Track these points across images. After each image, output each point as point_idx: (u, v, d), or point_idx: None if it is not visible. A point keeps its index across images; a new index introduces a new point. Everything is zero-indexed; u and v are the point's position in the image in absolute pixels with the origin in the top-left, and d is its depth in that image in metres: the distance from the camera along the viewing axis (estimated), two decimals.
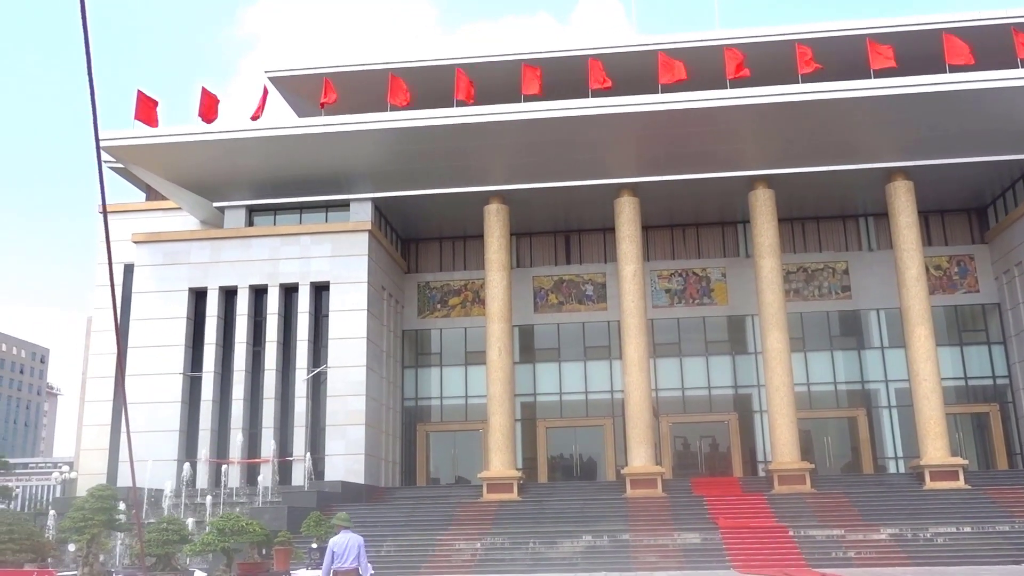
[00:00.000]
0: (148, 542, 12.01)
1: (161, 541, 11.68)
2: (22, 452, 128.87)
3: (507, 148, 38.86)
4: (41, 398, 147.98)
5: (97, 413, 42.27)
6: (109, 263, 5.81)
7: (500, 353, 40.03)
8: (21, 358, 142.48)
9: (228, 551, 13.02)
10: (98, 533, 9.96)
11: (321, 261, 40.21)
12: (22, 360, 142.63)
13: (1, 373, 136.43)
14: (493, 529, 32.39)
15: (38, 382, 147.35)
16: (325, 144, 38.51)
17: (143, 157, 39.64)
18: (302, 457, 37.65)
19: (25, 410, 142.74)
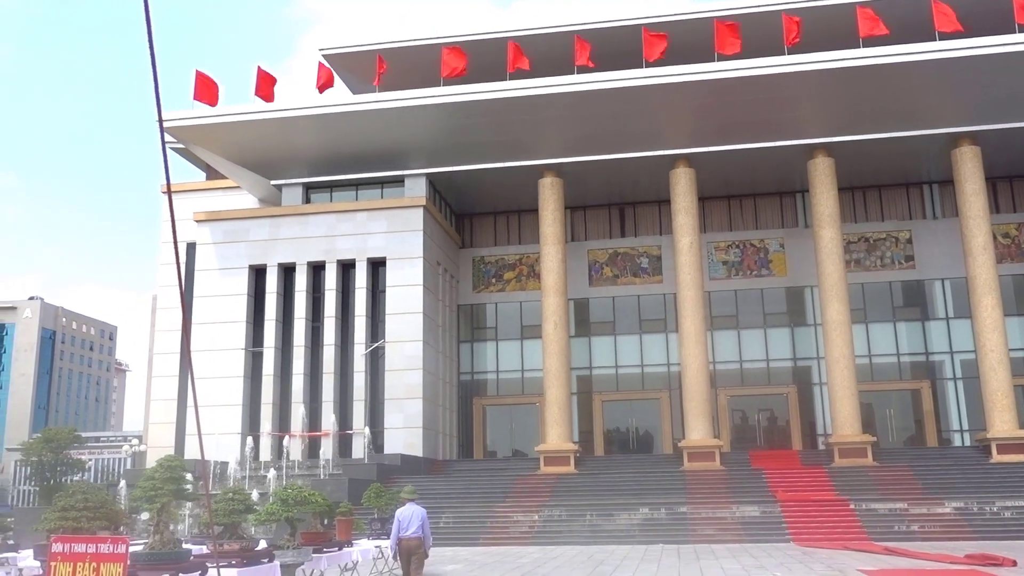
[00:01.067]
0: (215, 511, 12.34)
1: (227, 511, 11.98)
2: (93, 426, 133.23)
3: (561, 121, 38.65)
4: (110, 374, 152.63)
5: (164, 388, 43.47)
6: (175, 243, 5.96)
7: (556, 327, 40.07)
8: (91, 335, 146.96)
9: (292, 521, 13.32)
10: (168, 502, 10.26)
11: (377, 237, 40.61)
12: (91, 337, 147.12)
13: (72, 350, 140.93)
14: (550, 501, 32.63)
15: (107, 358, 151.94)
16: (379, 120, 38.75)
17: (203, 137, 40.36)
18: (362, 430, 38.29)
19: (96, 386, 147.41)
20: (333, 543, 15.43)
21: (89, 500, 9.79)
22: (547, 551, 25.84)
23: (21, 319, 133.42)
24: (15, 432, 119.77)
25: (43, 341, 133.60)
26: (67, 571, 8.29)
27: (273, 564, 12.49)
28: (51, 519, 9.89)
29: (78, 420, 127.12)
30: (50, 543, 8.54)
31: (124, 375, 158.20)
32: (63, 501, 9.92)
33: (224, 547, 12.10)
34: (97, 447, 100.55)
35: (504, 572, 19.69)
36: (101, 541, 8.49)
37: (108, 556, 8.33)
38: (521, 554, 24.96)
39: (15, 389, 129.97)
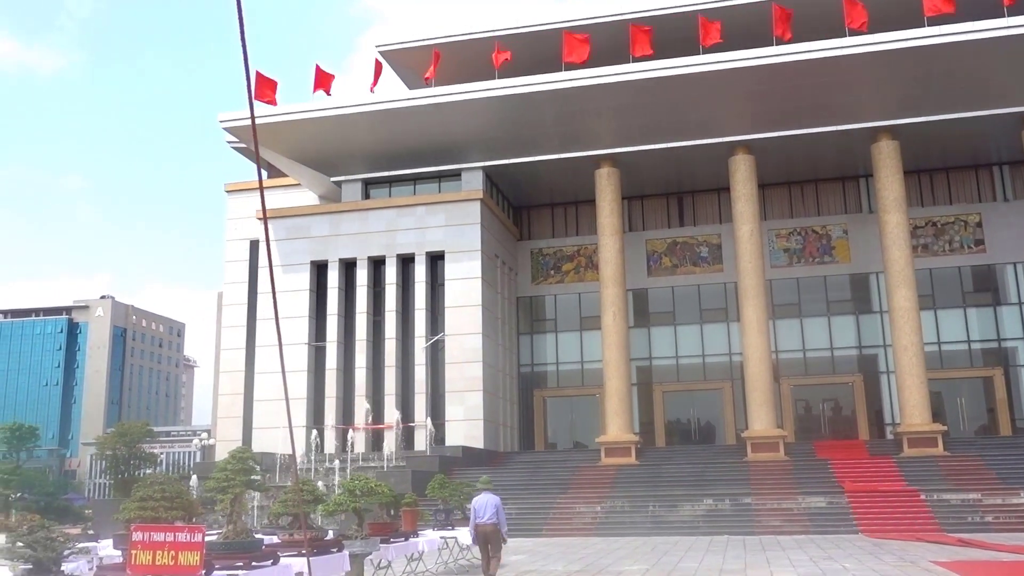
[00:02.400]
0: (284, 502, 12.62)
1: (296, 502, 12.23)
2: (164, 421, 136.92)
3: (617, 111, 38.42)
4: (179, 370, 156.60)
5: (231, 383, 44.47)
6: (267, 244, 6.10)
7: (615, 318, 39.92)
8: (160, 332, 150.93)
9: (359, 511, 13.55)
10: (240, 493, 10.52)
11: (435, 231, 40.90)
12: (161, 334, 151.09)
13: (142, 347, 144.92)
14: (612, 492, 32.56)
15: (176, 355, 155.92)
16: (435, 115, 38.98)
17: (263, 136, 41.02)
18: (423, 423, 38.66)
19: (165, 381, 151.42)
20: (399, 533, 15.65)
21: (166, 491, 10.09)
22: (610, 542, 25.82)
23: (94, 317, 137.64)
24: (90, 427, 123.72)
25: (115, 338, 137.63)
26: (147, 559, 8.57)
27: (342, 554, 12.72)
28: (130, 509, 10.21)
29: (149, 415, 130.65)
30: (130, 532, 8.82)
31: (192, 371, 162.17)
32: (141, 492, 10.25)
33: (295, 537, 12.37)
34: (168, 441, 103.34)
35: (568, 562, 19.74)
36: (179, 530, 8.75)
37: (185, 544, 8.59)
38: (584, 545, 24.99)
39: (89, 385, 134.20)
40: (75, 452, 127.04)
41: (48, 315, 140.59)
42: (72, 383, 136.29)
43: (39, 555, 8.11)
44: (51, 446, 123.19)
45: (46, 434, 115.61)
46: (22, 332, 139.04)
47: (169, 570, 8.53)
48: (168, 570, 8.53)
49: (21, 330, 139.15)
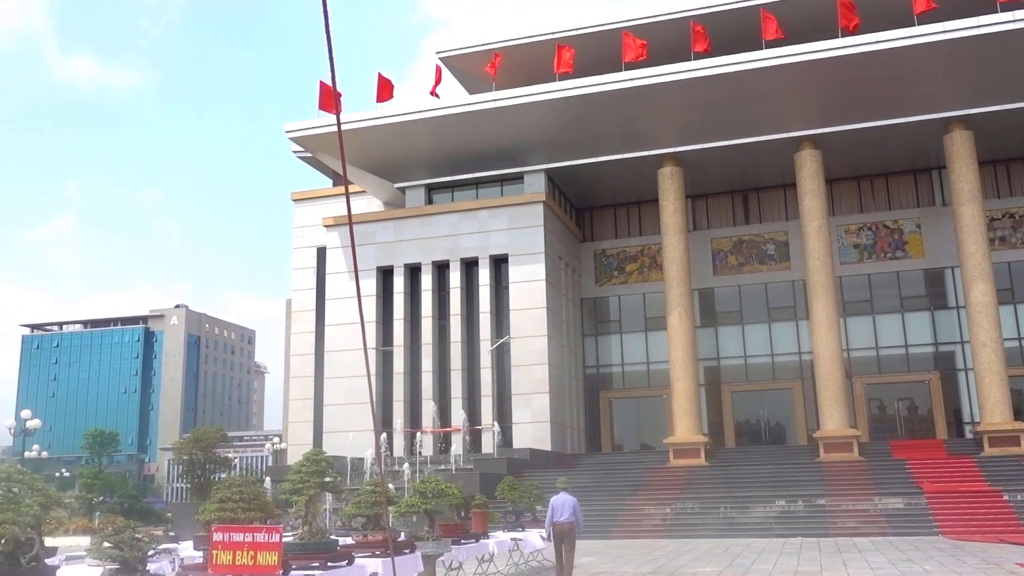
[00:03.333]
0: (358, 503, 12.80)
1: (370, 503, 12.41)
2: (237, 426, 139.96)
3: (679, 109, 38.09)
4: (250, 376, 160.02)
5: (301, 388, 45.26)
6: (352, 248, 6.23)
7: (680, 318, 39.54)
8: (232, 340, 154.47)
9: (430, 513, 13.68)
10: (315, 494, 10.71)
11: (499, 234, 41.06)
12: (232, 342, 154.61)
13: (215, 354, 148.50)
14: (682, 494, 32.26)
15: (247, 361, 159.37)
16: (497, 118, 39.16)
17: (328, 145, 41.76)
18: (490, 425, 38.82)
19: (237, 387, 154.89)
20: (470, 535, 15.73)
21: (244, 493, 10.33)
22: (681, 544, 25.57)
23: (169, 326, 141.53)
24: (167, 432, 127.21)
25: (189, 346, 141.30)
26: (227, 559, 8.79)
27: (415, 555, 12.86)
28: (209, 510, 10.47)
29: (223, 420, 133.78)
30: (211, 532, 9.07)
31: (263, 377, 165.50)
32: (220, 493, 10.50)
33: (369, 538, 12.54)
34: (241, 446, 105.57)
35: (639, 564, 19.61)
36: (257, 531, 8.96)
37: (264, 545, 8.79)
38: (655, 546, 24.79)
39: (166, 392, 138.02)
40: (153, 457, 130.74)
41: (126, 325, 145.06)
42: (149, 390, 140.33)
43: (126, 555, 8.38)
44: (130, 451, 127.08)
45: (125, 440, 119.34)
46: (101, 342, 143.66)
47: (249, 570, 8.73)
48: (248, 570, 8.73)
49: (101, 340, 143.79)
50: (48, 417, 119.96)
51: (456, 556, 14.77)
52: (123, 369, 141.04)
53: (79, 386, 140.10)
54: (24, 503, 7.79)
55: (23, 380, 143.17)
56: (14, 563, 7.23)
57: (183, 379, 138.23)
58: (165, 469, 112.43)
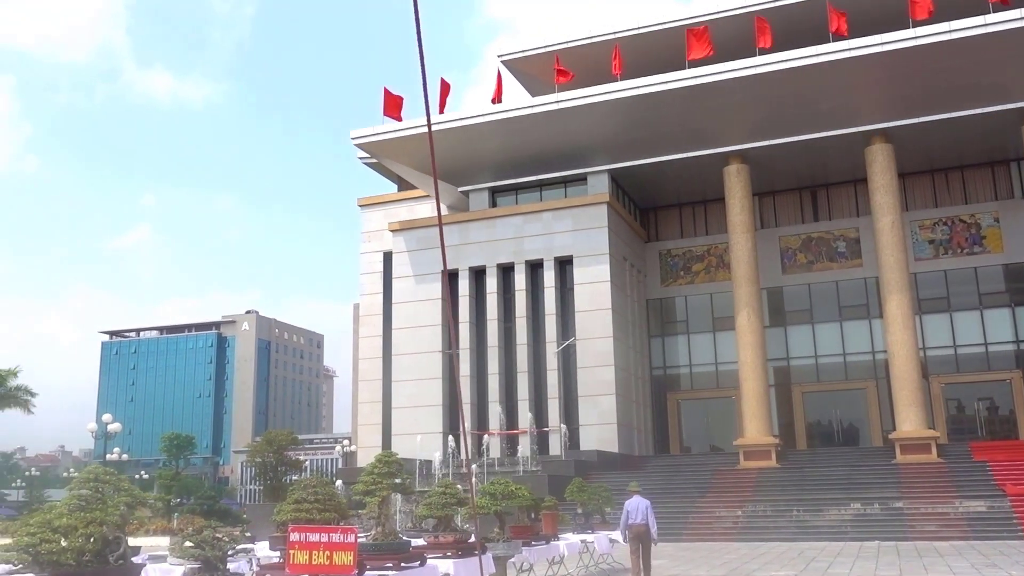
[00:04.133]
0: (429, 505, 12.91)
1: (441, 504, 12.50)
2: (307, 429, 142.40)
3: (744, 105, 37.55)
4: (319, 380, 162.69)
5: (369, 391, 45.86)
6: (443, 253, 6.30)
7: (749, 317, 38.95)
8: (301, 344, 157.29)
9: (500, 514, 13.73)
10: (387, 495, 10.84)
11: (563, 236, 41.00)
12: (302, 346, 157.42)
13: (285, 359, 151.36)
14: (754, 496, 31.77)
15: (316, 365, 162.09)
16: (559, 120, 39.13)
17: (393, 150, 42.24)
18: (557, 427, 38.76)
19: (307, 391, 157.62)
20: (540, 537, 15.74)
21: (319, 494, 10.50)
22: (753, 547, 25.17)
23: (240, 331, 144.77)
24: (240, 435, 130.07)
25: (260, 351, 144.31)
26: (304, 558, 8.94)
27: (486, 556, 12.90)
28: (285, 511, 10.68)
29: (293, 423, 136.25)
30: (288, 533, 9.24)
31: (331, 380, 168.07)
32: (296, 494, 10.70)
33: (439, 539, 12.63)
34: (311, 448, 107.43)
35: (711, 567, 19.37)
36: (332, 531, 9.10)
37: (339, 545, 8.92)
38: (726, 549, 24.45)
39: (238, 396, 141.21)
40: (227, 460, 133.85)
41: (200, 331, 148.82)
42: (223, 394, 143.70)
43: (207, 553, 8.59)
44: (205, 454, 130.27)
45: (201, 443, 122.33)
46: (177, 347, 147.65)
47: (325, 569, 8.88)
48: (324, 569, 8.88)
49: (176, 345, 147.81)
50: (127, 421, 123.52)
51: (527, 558, 14.79)
52: (197, 374, 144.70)
53: (156, 390, 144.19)
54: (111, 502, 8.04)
55: (103, 385, 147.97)
56: (103, 561, 7.47)
57: (254, 383, 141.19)
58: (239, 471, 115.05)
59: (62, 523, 7.42)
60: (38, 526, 7.37)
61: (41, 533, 7.30)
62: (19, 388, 55.30)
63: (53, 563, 7.22)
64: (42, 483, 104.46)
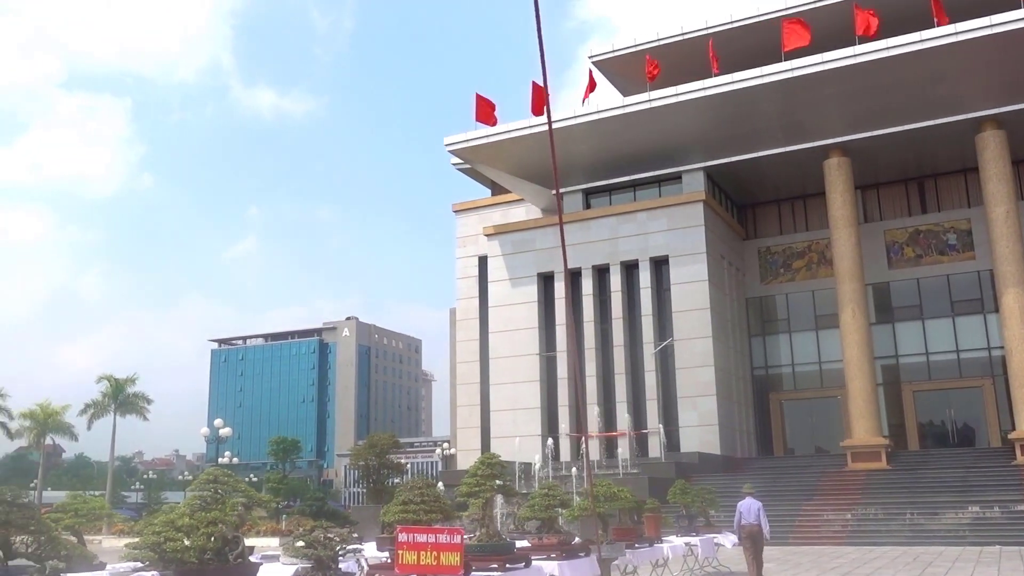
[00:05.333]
0: (532, 506, 12.95)
1: (544, 506, 12.53)
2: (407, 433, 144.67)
3: (844, 96, 36.42)
4: (418, 384, 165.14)
5: (467, 395, 46.31)
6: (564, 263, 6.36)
7: (854, 314, 37.75)
8: (399, 349, 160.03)
9: (603, 517, 13.66)
10: (491, 497, 10.93)
11: (658, 236, 40.58)
12: (400, 351, 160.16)
13: (385, 363, 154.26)
14: (863, 499, 30.76)
15: (415, 369, 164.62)
16: (652, 119, 38.75)
17: (486, 155, 42.59)
18: (656, 429, 38.36)
19: (406, 395, 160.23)
20: (644, 539, 15.60)
21: (425, 495, 10.67)
22: (864, 551, 24.36)
23: (341, 337, 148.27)
24: (343, 439, 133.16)
25: (360, 356, 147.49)
26: (412, 559, 9.10)
27: (591, 558, 12.87)
28: (392, 512, 10.88)
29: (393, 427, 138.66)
30: (396, 533, 9.41)
31: (430, 384, 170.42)
32: (403, 495, 10.89)
33: (543, 540, 12.66)
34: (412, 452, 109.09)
35: (821, 571, 18.85)
36: (439, 532, 9.23)
37: (447, 546, 9.05)
38: (836, 553, 23.75)
39: (340, 401, 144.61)
40: (331, 463, 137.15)
41: (302, 337, 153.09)
42: (325, 399, 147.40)
43: (319, 553, 8.82)
44: (310, 457, 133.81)
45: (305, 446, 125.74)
46: (280, 354, 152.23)
47: (432, 570, 9.01)
48: (431, 570, 9.01)
49: (280, 352, 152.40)
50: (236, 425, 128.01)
51: (631, 560, 14.68)
52: (301, 379, 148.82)
53: (262, 396, 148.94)
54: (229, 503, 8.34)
55: (213, 391, 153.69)
56: (223, 559, 7.75)
57: (355, 388, 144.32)
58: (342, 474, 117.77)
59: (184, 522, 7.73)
60: (162, 525, 7.69)
61: (165, 532, 7.62)
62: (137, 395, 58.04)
63: (177, 560, 7.53)
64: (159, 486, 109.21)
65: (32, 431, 57.46)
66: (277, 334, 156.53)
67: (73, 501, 12.51)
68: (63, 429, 57.66)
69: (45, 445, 61.82)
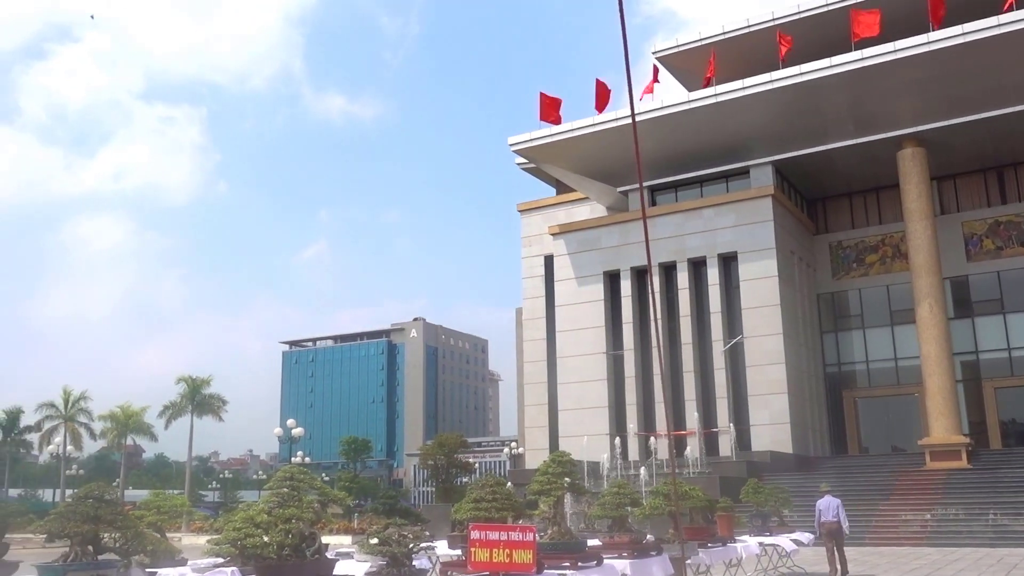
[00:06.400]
0: (602, 505, 12.90)
1: (615, 504, 12.48)
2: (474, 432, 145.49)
3: (918, 85, 35.42)
4: (485, 384, 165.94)
5: (534, 394, 46.33)
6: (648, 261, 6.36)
7: (931, 309, 36.69)
8: (466, 349, 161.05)
9: (674, 515, 13.52)
10: (562, 495, 10.93)
11: (725, 232, 40.05)
12: (467, 351, 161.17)
13: (452, 364, 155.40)
14: (943, 499, 29.86)
15: (482, 369, 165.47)
16: (718, 114, 38.25)
17: (550, 154, 42.57)
18: (726, 428, 37.86)
19: (473, 395, 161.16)
20: (716, 539, 15.41)
21: (496, 493, 10.72)
22: (945, 553, 23.66)
23: (409, 339, 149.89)
24: (412, 439, 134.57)
25: (427, 357, 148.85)
26: (485, 556, 9.15)
27: (663, 556, 12.77)
28: (464, 509, 10.97)
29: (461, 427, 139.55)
30: (469, 531, 9.48)
31: (497, 384, 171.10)
32: (474, 493, 10.97)
33: (615, 539, 12.60)
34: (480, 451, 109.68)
35: (901, 573, 18.37)
36: (511, 529, 9.25)
37: (519, 544, 9.06)
38: (915, 555, 23.11)
39: (408, 401, 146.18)
40: (400, 463, 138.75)
41: (371, 339, 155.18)
42: (394, 399, 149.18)
43: (394, 550, 8.94)
44: (380, 457, 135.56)
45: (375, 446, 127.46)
46: (350, 355, 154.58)
47: (505, 567, 9.04)
48: (504, 567, 9.04)
49: (349, 353, 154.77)
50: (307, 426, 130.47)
51: (703, 559, 14.51)
52: (370, 380, 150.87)
53: (332, 397, 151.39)
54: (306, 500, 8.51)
55: (285, 392, 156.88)
56: (300, 555, 7.91)
57: (423, 388, 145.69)
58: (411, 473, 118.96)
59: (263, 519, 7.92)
60: (242, 522, 7.89)
61: (245, 528, 7.81)
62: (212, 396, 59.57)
63: (256, 556, 7.72)
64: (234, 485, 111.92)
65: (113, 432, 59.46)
66: (346, 335, 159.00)
67: (155, 499, 12.91)
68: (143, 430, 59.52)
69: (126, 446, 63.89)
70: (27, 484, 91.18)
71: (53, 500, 67.71)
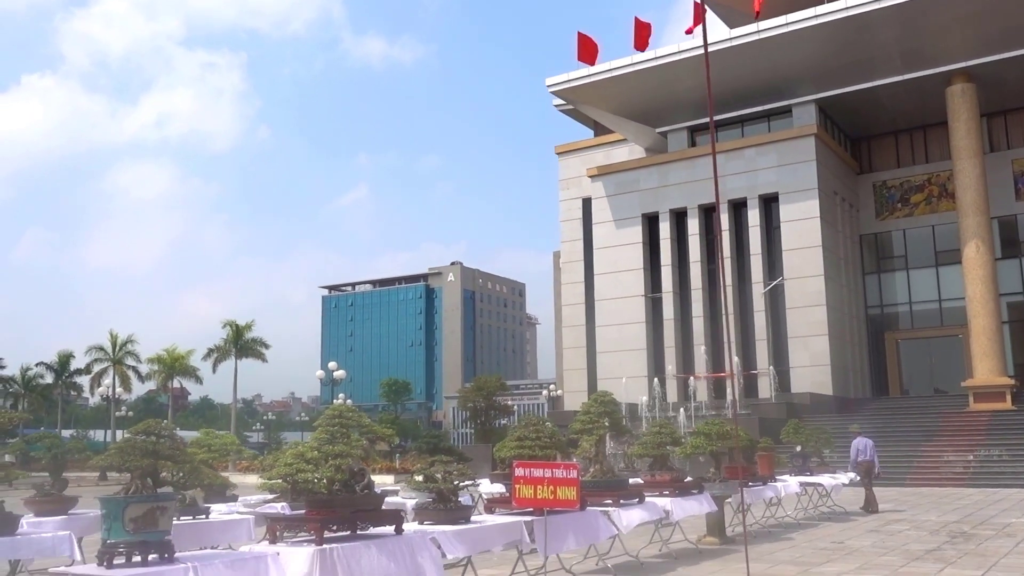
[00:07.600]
0: (644, 444, 13.02)
1: (656, 443, 12.59)
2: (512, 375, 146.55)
3: (968, 18, 34.23)
4: (523, 327, 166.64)
5: (573, 337, 46.48)
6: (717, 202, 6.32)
7: (978, 249, 36.01)
8: (504, 293, 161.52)
9: (716, 455, 13.65)
10: (604, 434, 11.05)
11: (767, 172, 39.45)
12: (505, 295, 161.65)
13: (489, 308, 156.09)
14: (987, 440, 29.68)
15: (519, 313, 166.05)
16: (760, 51, 37.40)
17: (588, 95, 42.02)
18: (766, 370, 37.77)
19: (511, 339, 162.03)
20: (757, 478, 15.51)
21: (539, 431, 10.86)
22: (988, 493, 23.58)
23: (446, 283, 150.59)
24: (450, 382, 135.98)
25: (465, 301, 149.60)
26: (529, 492, 9.31)
27: (704, 495, 12.91)
28: (508, 447, 11.13)
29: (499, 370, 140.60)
30: (513, 468, 9.64)
31: (534, 328, 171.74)
32: (518, 432, 11.12)
33: (656, 478, 12.75)
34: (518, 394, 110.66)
35: (943, 512, 18.37)
36: (555, 467, 9.39)
37: (563, 480, 9.20)
38: (957, 495, 23.07)
39: (447, 344, 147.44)
40: (439, 405, 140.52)
41: (409, 283, 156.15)
42: (432, 343, 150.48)
43: (440, 486, 9.12)
44: (419, 400, 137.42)
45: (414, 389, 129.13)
46: (388, 299, 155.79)
47: (549, 503, 9.20)
48: (548, 503, 9.20)
49: (387, 298, 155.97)
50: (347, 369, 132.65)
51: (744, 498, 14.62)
52: (408, 324, 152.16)
53: (371, 341, 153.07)
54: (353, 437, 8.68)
55: (325, 336, 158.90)
56: (350, 490, 8.10)
57: (462, 332, 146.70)
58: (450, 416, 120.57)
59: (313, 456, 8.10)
60: (293, 457, 8.08)
61: (296, 464, 8.00)
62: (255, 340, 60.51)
63: (308, 491, 7.92)
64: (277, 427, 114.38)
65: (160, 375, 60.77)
66: (384, 280, 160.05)
67: (206, 437, 13.27)
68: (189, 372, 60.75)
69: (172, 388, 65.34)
70: (78, 425, 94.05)
71: (104, 440, 69.80)
